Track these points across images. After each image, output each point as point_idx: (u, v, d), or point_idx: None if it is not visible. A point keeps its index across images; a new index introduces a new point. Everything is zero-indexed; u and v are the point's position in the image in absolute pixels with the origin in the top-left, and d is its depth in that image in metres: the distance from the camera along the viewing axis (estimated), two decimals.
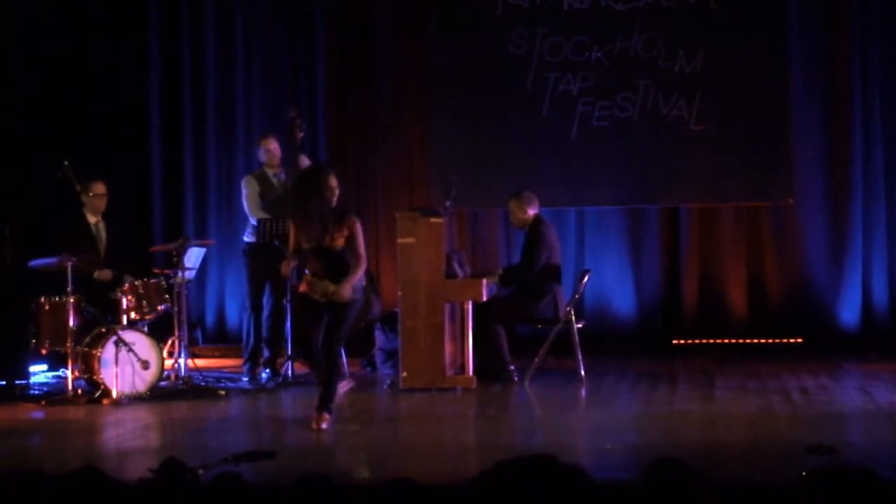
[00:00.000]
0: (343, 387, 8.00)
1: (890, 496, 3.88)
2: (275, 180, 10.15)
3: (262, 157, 10.19)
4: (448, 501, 3.90)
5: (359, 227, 7.68)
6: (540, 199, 10.19)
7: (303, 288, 7.75)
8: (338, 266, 7.62)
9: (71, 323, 9.11)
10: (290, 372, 9.92)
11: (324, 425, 7.62)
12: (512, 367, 9.71)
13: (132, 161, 12.14)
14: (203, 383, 9.65)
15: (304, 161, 10.24)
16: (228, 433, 8.09)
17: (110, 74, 11.91)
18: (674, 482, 3.86)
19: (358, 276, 7.67)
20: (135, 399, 8.97)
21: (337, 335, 7.71)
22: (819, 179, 11.56)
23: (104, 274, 9.70)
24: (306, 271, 7.84)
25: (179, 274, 9.53)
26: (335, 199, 7.62)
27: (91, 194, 9.88)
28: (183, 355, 9.58)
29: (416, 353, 9.28)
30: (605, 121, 11.55)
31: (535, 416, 8.56)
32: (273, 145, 10.17)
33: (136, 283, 9.47)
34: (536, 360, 9.69)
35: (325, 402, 7.69)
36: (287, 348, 9.97)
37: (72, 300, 9.10)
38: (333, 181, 7.63)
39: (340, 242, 7.59)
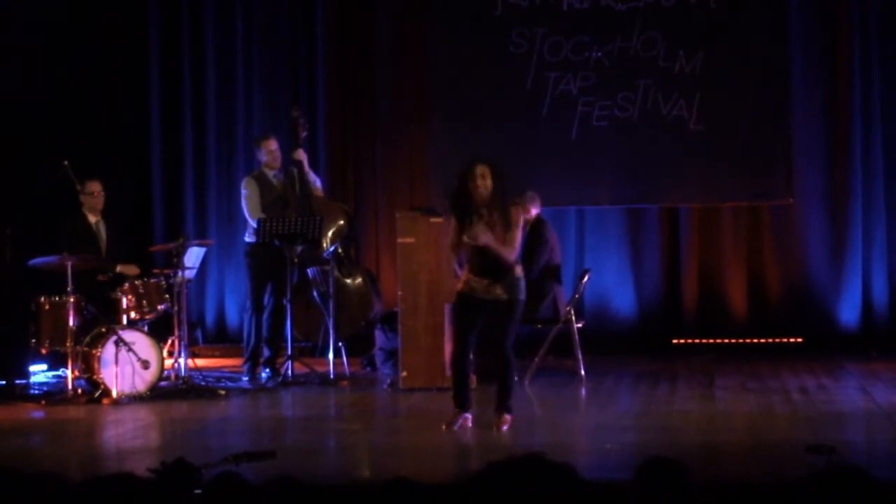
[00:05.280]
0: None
1: (884, 496, 3.88)
2: (274, 180, 10.17)
3: (264, 157, 10.20)
4: (445, 502, 3.91)
5: (518, 220, 7.44)
6: (540, 198, 10.20)
7: (461, 286, 7.53)
8: (498, 262, 7.40)
9: (71, 322, 9.12)
10: (289, 372, 9.92)
11: (504, 427, 7.45)
12: None
13: (132, 161, 12.15)
14: (203, 383, 9.65)
15: (301, 154, 10.26)
16: (228, 433, 8.11)
17: (110, 74, 11.91)
18: (667, 482, 3.86)
19: (502, 250, 7.35)
20: (135, 399, 8.98)
21: (508, 334, 7.49)
22: (819, 179, 11.57)
23: (130, 269, 9.72)
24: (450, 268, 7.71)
25: (179, 274, 9.54)
26: (488, 192, 7.40)
27: (87, 193, 9.88)
28: (183, 355, 9.58)
29: (416, 352, 9.29)
30: (605, 121, 11.56)
31: (535, 416, 8.55)
32: (275, 145, 10.19)
33: (136, 282, 9.48)
34: (536, 359, 9.70)
35: (505, 401, 7.52)
36: (287, 348, 9.98)
37: (72, 300, 9.11)
38: (481, 170, 7.41)
39: (498, 236, 7.38)
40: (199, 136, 12.31)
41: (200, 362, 10.34)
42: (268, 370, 10.00)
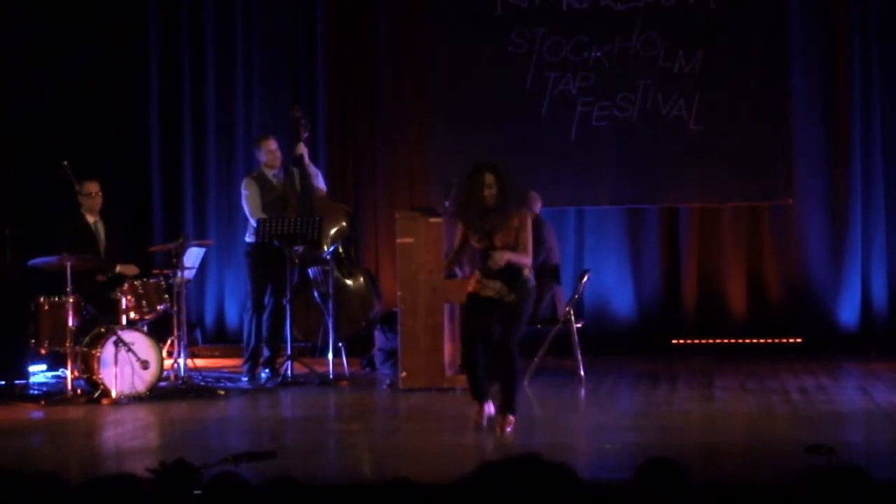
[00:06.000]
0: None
1: (884, 496, 3.88)
2: (274, 180, 10.17)
3: (263, 157, 10.20)
4: (445, 502, 3.90)
5: (528, 222, 7.43)
6: (541, 199, 10.20)
7: (471, 287, 7.51)
8: (507, 266, 7.36)
9: (70, 323, 9.11)
10: (289, 372, 9.92)
11: (508, 428, 7.37)
12: None
13: (132, 161, 12.15)
14: (202, 383, 9.65)
15: (302, 148, 10.26)
16: (228, 433, 8.11)
17: (110, 74, 11.91)
18: (667, 482, 3.86)
19: (522, 259, 7.35)
20: (134, 399, 8.97)
21: (513, 334, 7.42)
22: (818, 179, 11.57)
23: (129, 269, 9.72)
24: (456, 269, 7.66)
25: (179, 274, 9.53)
26: (495, 200, 7.36)
27: (85, 193, 9.88)
28: (182, 355, 9.58)
29: (416, 353, 9.28)
30: (605, 121, 11.56)
31: (534, 416, 8.55)
32: (274, 145, 10.19)
33: (135, 282, 9.48)
34: (536, 359, 9.70)
35: (509, 402, 7.44)
36: (287, 348, 9.98)
37: (71, 300, 9.10)
38: (489, 178, 7.38)
39: (510, 241, 7.37)
40: (199, 136, 12.31)
41: (200, 362, 10.35)
42: (267, 370, 9.99)
